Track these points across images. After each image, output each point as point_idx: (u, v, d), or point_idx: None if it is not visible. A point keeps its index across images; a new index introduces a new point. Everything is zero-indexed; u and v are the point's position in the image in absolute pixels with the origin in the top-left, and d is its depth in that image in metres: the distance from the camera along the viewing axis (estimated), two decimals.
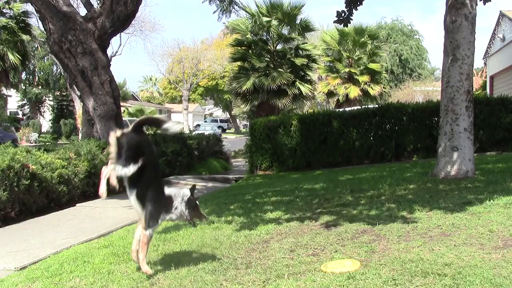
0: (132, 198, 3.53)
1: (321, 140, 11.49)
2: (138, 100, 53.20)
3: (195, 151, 14.45)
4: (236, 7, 14.22)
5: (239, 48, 18.70)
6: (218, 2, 13.88)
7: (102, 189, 3.38)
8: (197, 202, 3.58)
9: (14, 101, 41.85)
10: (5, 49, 20.96)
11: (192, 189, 3.53)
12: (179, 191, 3.56)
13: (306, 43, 18.79)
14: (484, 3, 8.07)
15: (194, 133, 29.08)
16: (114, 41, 61.98)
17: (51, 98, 40.84)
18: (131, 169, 3.41)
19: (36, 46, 32.56)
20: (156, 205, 3.48)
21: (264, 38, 18.23)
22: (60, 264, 4.40)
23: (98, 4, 13.49)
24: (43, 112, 42.40)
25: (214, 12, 14.19)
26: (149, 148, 3.61)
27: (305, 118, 11.78)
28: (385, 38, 42.05)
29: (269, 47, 18.31)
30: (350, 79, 21.80)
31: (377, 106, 12.11)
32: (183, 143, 13.60)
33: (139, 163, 3.43)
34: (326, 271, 3.20)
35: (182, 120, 48.00)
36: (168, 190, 3.57)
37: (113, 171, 3.39)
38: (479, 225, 3.96)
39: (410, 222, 4.32)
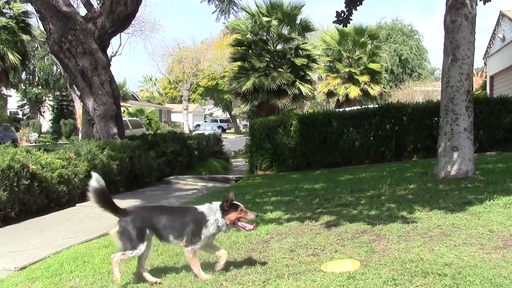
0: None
1: (321, 140, 11.49)
2: (138, 100, 53.19)
3: (195, 151, 14.46)
4: (235, 8, 14.22)
5: (239, 48, 18.70)
6: (217, 3, 13.88)
7: (117, 275, 3.38)
8: (236, 204, 3.45)
9: (14, 101, 41.86)
10: (5, 49, 20.97)
11: (226, 198, 3.44)
12: (210, 206, 3.50)
13: (306, 43, 18.80)
14: (484, 3, 8.07)
15: (194, 133, 29.21)
16: (114, 41, 61.96)
17: (51, 98, 40.83)
18: (141, 248, 3.40)
19: (36, 46, 32.58)
20: (191, 226, 3.42)
21: (264, 38, 18.24)
22: (60, 264, 4.41)
23: (98, 4, 13.49)
24: (43, 112, 42.40)
25: (213, 12, 14.21)
26: (151, 219, 3.50)
27: (305, 118, 11.78)
28: (385, 38, 42.04)
29: (269, 47, 18.31)
30: (350, 79, 21.81)
31: (377, 106, 12.11)
32: (183, 143, 13.61)
33: (145, 241, 3.43)
34: (326, 271, 3.20)
35: (182, 120, 48.05)
36: (200, 208, 3.51)
37: (123, 256, 3.39)
38: (479, 225, 3.96)
39: (410, 222, 4.32)
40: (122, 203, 8.50)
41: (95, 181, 3.47)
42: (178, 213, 3.56)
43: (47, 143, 25.75)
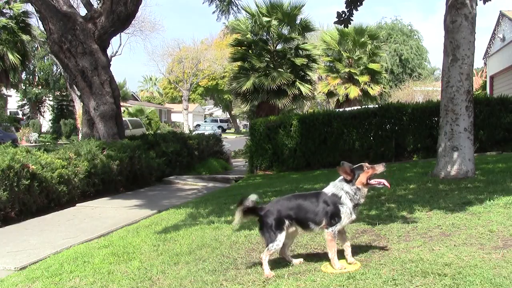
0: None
1: (321, 140, 11.49)
2: (138, 100, 53.18)
3: (195, 151, 14.46)
4: (235, 8, 14.22)
5: (239, 48, 18.70)
6: (218, 3, 13.88)
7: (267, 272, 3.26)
8: (358, 166, 3.24)
9: (14, 101, 41.87)
10: (5, 49, 20.97)
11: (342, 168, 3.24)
12: (335, 183, 3.31)
13: (306, 43, 18.78)
14: (484, 3, 8.07)
15: (194, 133, 29.20)
16: (114, 41, 62.02)
17: (51, 98, 40.82)
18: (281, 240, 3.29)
19: (36, 46, 32.57)
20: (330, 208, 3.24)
21: (264, 38, 18.23)
22: (60, 264, 4.41)
23: (98, 4, 13.50)
24: (43, 112, 42.39)
25: (214, 12, 14.21)
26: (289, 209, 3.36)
27: (305, 118, 11.78)
28: (385, 38, 42.04)
29: (269, 47, 18.31)
30: (350, 79, 21.80)
31: (377, 106, 12.10)
32: (183, 143, 13.61)
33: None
34: (326, 271, 3.20)
35: (182, 120, 48.04)
36: (327, 189, 3.35)
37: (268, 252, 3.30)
38: (479, 225, 3.96)
39: (410, 222, 4.32)
40: (122, 203, 8.51)
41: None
42: (312, 199, 3.35)
43: (47, 143, 25.75)
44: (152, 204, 8.09)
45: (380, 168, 3.22)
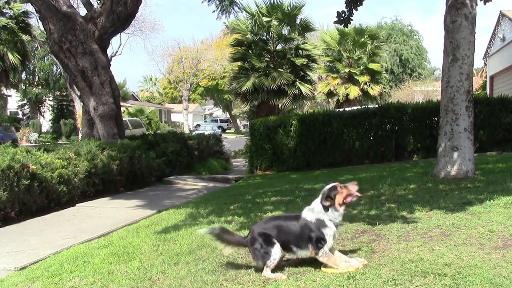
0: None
1: (321, 140, 11.49)
2: (138, 100, 53.19)
3: (195, 151, 14.46)
4: (235, 7, 14.22)
5: (239, 48, 18.70)
6: (217, 2, 13.88)
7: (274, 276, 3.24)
8: (331, 187, 3.30)
9: (14, 101, 41.87)
10: (5, 49, 20.97)
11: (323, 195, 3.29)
12: (310, 208, 3.35)
13: (306, 43, 18.79)
14: (485, 3, 8.06)
15: (194, 133, 29.20)
16: (114, 41, 62.04)
17: (51, 98, 40.83)
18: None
19: (36, 46, 32.57)
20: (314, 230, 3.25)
21: (264, 38, 18.24)
22: (60, 264, 4.40)
23: (98, 4, 13.49)
24: (43, 112, 42.40)
25: (214, 11, 14.21)
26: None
27: (305, 118, 11.77)
28: (386, 38, 42.04)
29: (269, 47, 18.31)
30: (350, 79, 21.80)
31: (377, 106, 12.10)
32: (183, 143, 13.61)
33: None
34: (326, 271, 3.20)
35: (182, 120, 48.04)
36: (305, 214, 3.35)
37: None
38: (479, 225, 3.96)
39: (410, 222, 4.32)
40: (122, 203, 8.51)
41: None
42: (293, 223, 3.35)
43: (47, 143, 25.75)
44: (152, 204, 8.09)
45: (353, 187, 3.32)
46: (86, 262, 4.36)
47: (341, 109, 13.40)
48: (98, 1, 13.83)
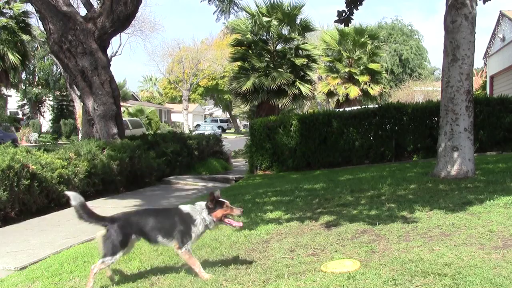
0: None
1: (321, 140, 11.49)
2: (138, 100, 53.19)
3: (195, 151, 14.45)
4: (235, 8, 14.21)
5: (239, 48, 18.70)
6: (217, 2, 13.87)
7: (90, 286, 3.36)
8: (221, 201, 3.49)
9: (14, 101, 41.87)
10: (5, 49, 20.96)
11: (211, 196, 3.47)
12: (193, 206, 3.54)
13: (306, 43, 18.79)
14: (484, 3, 8.07)
15: (194, 133, 29.19)
16: (114, 41, 62.00)
17: (51, 98, 40.82)
18: (119, 255, 3.41)
19: (36, 46, 32.57)
20: (181, 227, 3.46)
21: (264, 38, 18.24)
22: (60, 264, 4.40)
23: (98, 4, 13.49)
24: (43, 112, 42.40)
25: (214, 12, 14.20)
26: (138, 223, 3.50)
27: (305, 118, 11.77)
28: (386, 38, 42.04)
29: (269, 47, 18.31)
30: (350, 79, 21.80)
31: (377, 106, 12.10)
32: (183, 143, 13.60)
33: (127, 246, 3.45)
34: (326, 271, 3.20)
35: (182, 120, 48.03)
36: (185, 208, 3.54)
37: (102, 265, 3.36)
38: (479, 225, 3.96)
39: (410, 222, 4.32)
40: (122, 203, 8.52)
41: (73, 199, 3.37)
42: (165, 215, 3.58)
43: (47, 143, 25.74)
44: (152, 204, 8.09)
45: (237, 212, 3.51)
46: (86, 262, 4.36)
47: (341, 109, 13.40)
48: (98, 1, 13.83)
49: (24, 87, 39.32)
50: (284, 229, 4.68)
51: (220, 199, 3.50)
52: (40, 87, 40.58)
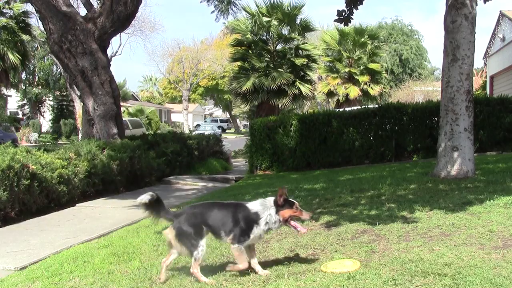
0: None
1: (321, 140, 11.49)
2: (138, 100, 53.18)
3: (195, 151, 14.46)
4: (234, 8, 14.20)
5: (239, 48, 18.70)
6: (216, 3, 13.85)
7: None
8: (291, 201, 3.34)
9: (14, 101, 41.86)
10: (5, 49, 20.97)
11: (281, 191, 3.33)
12: (264, 201, 3.40)
13: (306, 43, 18.78)
14: (485, 2, 8.07)
15: (194, 133, 29.19)
16: (114, 41, 61.95)
17: (51, 98, 40.81)
18: (202, 249, 3.33)
19: (36, 46, 32.56)
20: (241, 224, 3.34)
21: (264, 38, 18.23)
22: (60, 264, 4.40)
23: (98, 4, 13.49)
24: (43, 112, 42.38)
25: (212, 12, 14.18)
26: (208, 217, 3.41)
27: (305, 118, 11.77)
28: (386, 38, 42.03)
29: (269, 47, 18.31)
30: (350, 79, 21.79)
31: (377, 106, 12.10)
32: (183, 143, 13.60)
33: (203, 238, 3.35)
34: (326, 271, 3.20)
35: (182, 120, 48.02)
36: (253, 206, 3.39)
37: (197, 262, 3.33)
38: (479, 225, 3.96)
39: (410, 222, 4.32)
40: (122, 203, 8.52)
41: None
42: (231, 209, 3.42)
43: (47, 143, 25.75)
44: None
45: (306, 216, 3.36)
46: (86, 262, 4.36)
47: (341, 109, 13.39)
48: (98, 1, 13.83)
49: (24, 87, 39.31)
50: (284, 229, 4.67)
51: (290, 199, 3.35)
52: (40, 87, 40.57)
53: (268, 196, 3.59)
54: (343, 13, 8.51)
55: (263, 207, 3.33)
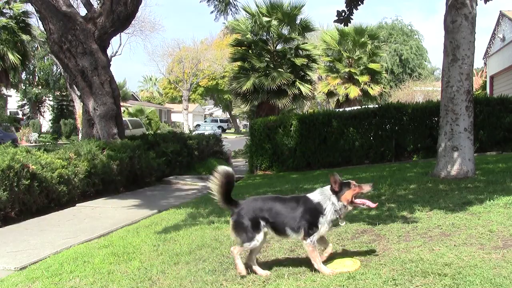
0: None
1: (321, 140, 11.49)
2: (138, 100, 53.18)
3: (195, 151, 14.45)
4: (233, 8, 14.18)
5: (239, 48, 18.70)
6: (216, 3, 13.84)
7: (242, 268, 3.27)
8: (346, 182, 3.26)
9: (14, 101, 41.86)
10: (5, 49, 20.98)
11: (334, 178, 3.23)
12: (322, 191, 3.31)
13: (306, 43, 18.78)
14: (485, 2, 8.08)
15: (194, 133, 29.19)
16: (114, 41, 62.02)
17: (51, 98, 40.81)
18: (258, 238, 3.25)
19: (36, 46, 32.57)
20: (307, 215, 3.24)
21: (264, 38, 18.23)
22: (60, 264, 4.40)
23: (98, 4, 13.49)
24: (43, 112, 42.38)
25: (212, 12, 14.16)
26: (270, 209, 3.30)
27: (305, 118, 11.77)
28: (386, 38, 42.03)
29: (269, 47, 18.31)
30: (350, 79, 21.80)
31: (377, 106, 12.11)
32: (183, 143, 13.60)
33: (262, 230, 3.28)
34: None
35: (182, 120, 48.01)
36: (314, 197, 3.30)
37: (241, 248, 3.29)
38: (479, 225, 3.96)
39: (410, 222, 4.32)
40: (122, 203, 8.51)
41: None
42: (294, 203, 3.34)
43: (47, 143, 25.75)
44: (152, 204, 8.09)
45: (366, 188, 3.26)
46: (86, 262, 4.36)
47: (341, 109, 13.40)
48: (98, 1, 13.82)
49: (24, 87, 39.31)
50: None
51: (344, 181, 3.28)
52: (40, 87, 40.57)
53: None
54: (343, 14, 8.51)
55: (323, 197, 3.26)
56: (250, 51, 18.23)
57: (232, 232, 3.34)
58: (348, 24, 8.82)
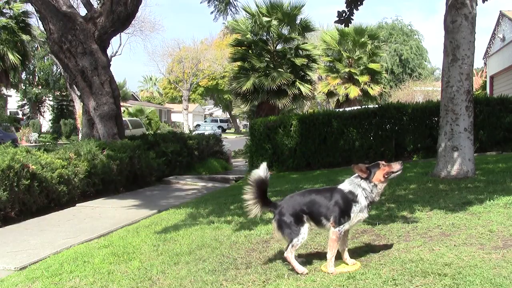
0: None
1: (321, 140, 11.49)
2: (138, 100, 53.19)
3: (195, 151, 14.45)
4: (233, 9, 14.17)
5: (239, 48, 18.70)
6: (216, 3, 13.84)
7: (301, 268, 3.24)
8: (374, 164, 3.26)
9: (14, 101, 41.87)
10: (5, 49, 20.97)
11: (358, 168, 3.24)
12: (352, 179, 3.29)
13: (306, 43, 18.78)
14: (483, 2, 8.07)
15: (194, 133, 29.19)
16: (114, 41, 62.02)
17: (51, 98, 40.81)
18: (304, 230, 3.25)
19: (36, 46, 32.57)
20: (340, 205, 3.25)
21: (264, 38, 18.23)
22: (60, 264, 4.40)
23: (98, 4, 13.49)
24: (43, 112, 42.38)
25: (212, 12, 14.15)
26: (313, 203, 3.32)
27: (305, 118, 11.77)
28: (386, 38, 42.04)
29: (269, 47, 18.30)
30: (350, 79, 21.80)
31: (377, 106, 12.10)
32: (183, 143, 13.60)
33: (305, 222, 3.28)
34: (326, 271, 3.20)
35: (182, 120, 48.02)
36: (345, 187, 3.30)
37: (293, 248, 3.26)
38: (479, 225, 3.96)
39: (410, 222, 4.32)
40: (122, 203, 8.51)
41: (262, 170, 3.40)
42: (326, 193, 3.34)
43: (47, 143, 25.71)
44: (152, 204, 8.10)
45: (396, 166, 3.26)
46: (86, 262, 4.36)
47: (341, 109, 13.39)
48: (98, 1, 13.82)
49: (24, 87, 39.31)
50: None
51: (370, 164, 3.28)
52: (40, 87, 40.57)
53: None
54: (344, 14, 8.51)
55: (353, 185, 3.27)
56: (250, 51, 18.22)
57: (278, 232, 3.33)
58: (349, 24, 8.82)
